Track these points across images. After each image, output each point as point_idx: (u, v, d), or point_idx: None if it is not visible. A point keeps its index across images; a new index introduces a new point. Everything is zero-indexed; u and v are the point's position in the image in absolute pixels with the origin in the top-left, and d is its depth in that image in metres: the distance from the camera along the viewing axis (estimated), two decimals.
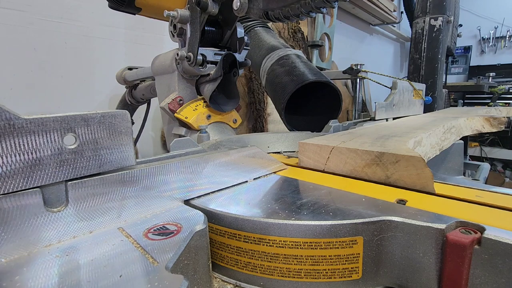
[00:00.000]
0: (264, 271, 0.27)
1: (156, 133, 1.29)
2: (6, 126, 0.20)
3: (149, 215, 0.29)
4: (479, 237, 0.22)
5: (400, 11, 2.79)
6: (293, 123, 0.78)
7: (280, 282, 0.27)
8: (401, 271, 0.26)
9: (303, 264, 0.26)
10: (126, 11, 0.69)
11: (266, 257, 0.27)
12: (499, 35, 3.90)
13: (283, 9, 0.44)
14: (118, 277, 0.19)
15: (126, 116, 0.27)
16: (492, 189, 0.34)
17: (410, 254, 0.25)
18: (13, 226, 0.22)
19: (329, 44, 1.82)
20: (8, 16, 0.88)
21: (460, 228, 0.24)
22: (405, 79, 0.90)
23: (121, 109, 0.91)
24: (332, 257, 0.26)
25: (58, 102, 1.01)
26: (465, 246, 0.22)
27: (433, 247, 0.24)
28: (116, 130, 0.26)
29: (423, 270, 0.25)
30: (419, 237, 0.25)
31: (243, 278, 0.28)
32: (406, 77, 1.50)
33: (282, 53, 0.82)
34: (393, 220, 0.26)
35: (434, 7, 1.43)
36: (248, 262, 0.28)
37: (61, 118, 0.23)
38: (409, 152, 0.35)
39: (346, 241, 0.25)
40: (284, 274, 0.27)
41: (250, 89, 1.41)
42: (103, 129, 0.25)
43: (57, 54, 0.99)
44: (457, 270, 0.22)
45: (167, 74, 0.66)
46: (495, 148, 2.69)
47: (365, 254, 0.25)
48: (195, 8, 0.55)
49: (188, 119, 0.62)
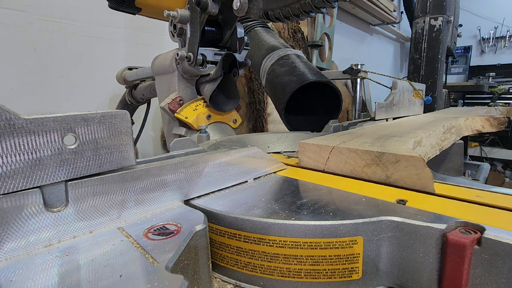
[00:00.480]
0: (264, 271, 0.27)
1: (156, 133, 1.29)
2: (6, 126, 0.20)
3: (149, 215, 0.29)
4: (479, 237, 0.22)
5: (400, 11, 2.79)
6: (293, 123, 0.78)
7: (280, 282, 0.27)
8: (401, 271, 0.26)
9: (303, 264, 0.26)
10: (126, 11, 0.69)
11: (266, 257, 0.27)
12: (499, 35, 3.90)
13: (283, 9, 0.44)
14: (118, 277, 0.19)
15: (126, 116, 0.27)
16: (492, 189, 0.34)
17: (410, 254, 0.25)
18: (13, 226, 0.22)
19: (329, 44, 1.82)
20: (8, 16, 0.88)
21: (460, 228, 0.24)
22: (405, 79, 0.90)
23: (121, 109, 0.91)
24: (332, 257, 0.26)
25: (58, 102, 1.01)
26: (465, 246, 0.22)
27: (433, 247, 0.24)
28: (116, 130, 0.26)
29: (423, 270, 0.25)
30: (419, 237, 0.25)
31: (243, 278, 0.28)
32: (406, 77, 1.50)
33: (282, 53, 0.82)
34: (393, 220, 0.26)
35: (434, 7, 1.43)
36: (248, 262, 0.28)
37: (61, 118, 0.23)
38: (409, 152, 0.35)
39: (346, 241, 0.25)
40: (284, 274, 0.27)
41: (250, 89, 1.41)
42: (103, 129, 0.25)
43: (57, 54, 0.99)
44: (457, 270, 0.22)
45: (167, 74, 0.66)
46: (495, 148, 2.68)
47: (365, 254, 0.25)
48: (195, 8, 0.55)
49: (188, 119, 0.62)
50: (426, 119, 0.76)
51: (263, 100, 1.38)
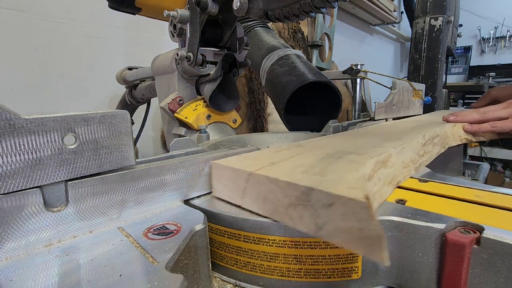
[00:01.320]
0: (264, 271, 0.27)
1: (156, 133, 1.29)
2: (6, 126, 0.20)
3: (148, 215, 0.29)
4: (478, 237, 0.22)
5: (400, 11, 2.79)
6: (293, 123, 0.78)
7: (280, 282, 0.27)
8: (401, 270, 0.26)
9: (303, 263, 0.26)
10: (126, 11, 0.69)
11: (266, 257, 0.27)
12: (499, 35, 3.90)
13: (283, 9, 0.44)
14: (118, 277, 0.19)
15: (126, 116, 0.27)
16: (491, 189, 0.34)
17: (410, 254, 0.25)
18: (13, 225, 0.22)
19: (329, 44, 1.82)
20: (8, 16, 0.88)
21: (459, 228, 0.24)
22: (405, 79, 0.90)
23: (121, 109, 0.91)
24: (332, 256, 0.26)
25: (58, 102, 1.01)
26: (464, 246, 0.22)
27: (433, 247, 0.24)
28: (116, 130, 0.26)
29: (422, 270, 0.25)
30: (419, 237, 0.25)
31: (243, 277, 0.28)
32: (406, 77, 1.50)
33: (282, 53, 0.82)
34: (392, 220, 0.26)
35: (434, 7, 1.43)
36: (247, 262, 0.28)
37: (61, 118, 0.23)
38: (352, 189, 0.21)
39: None
40: (284, 273, 0.27)
41: (250, 89, 1.41)
42: (103, 129, 0.25)
43: (57, 54, 0.99)
44: (456, 270, 0.22)
45: (167, 74, 0.66)
46: (495, 148, 2.68)
47: None
48: (195, 8, 0.55)
49: (188, 119, 0.62)
50: (408, 125, 0.60)
51: (263, 100, 1.38)
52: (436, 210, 0.27)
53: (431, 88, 1.42)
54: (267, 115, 1.39)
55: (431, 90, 1.42)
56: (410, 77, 1.50)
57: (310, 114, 0.82)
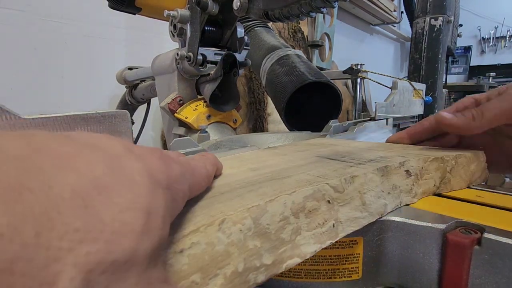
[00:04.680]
0: None
1: (156, 133, 1.29)
2: (6, 126, 0.20)
3: None
4: (479, 237, 0.22)
5: (400, 11, 2.79)
6: (293, 123, 0.78)
7: (280, 282, 0.27)
8: (401, 271, 0.26)
9: (303, 264, 0.26)
10: (126, 11, 0.69)
11: None
12: (499, 35, 3.90)
13: (283, 9, 0.44)
14: None
15: (126, 116, 0.27)
16: (492, 189, 0.34)
17: (410, 254, 0.25)
18: None
19: (329, 44, 1.82)
20: (8, 16, 0.88)
21: (460, 228, 0.24)
22: (405, 79, 0.90)
23: (121, 109, 0.91)
24: (332, 257, 0.26)
25: (58, 102, 1.01)
26: (465, 246, 0.22)
27: (433, 247, 0.24)
28: (116, 130, 0.26)
29: (423, 270, 0.25)
30: (419, 237, 0.25)
31: None
32: (406, 77, 1.50)
33: (282, 53, 0.82)
34: (393, 220, 0.26)
35: (434, 7, 1.43)
36: None
37: (61, 118, 0.23)
38: None
39: (346, 241, 0.25)
40: (283, 274, 0.27)
41: (250, 89, 1.41)
42: (103, 129, 0.25)
43: (57, 54, 0.99)
44: (457, 270, 0.22)
45: (167, 74, 0.66)
46: None
47: (365, 254, 0.25)
48: (195, 8, 0.55)
49: (188, 119, 0.62)
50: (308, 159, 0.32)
51: (263, 100, 1.38)
52: (437, 210, 0.27)
53: (431, 88, 1.42)
54: (267, 115, 1.39)
55: (432, 90, 1.42)
56: (410, 77, 1.50)
57: (310, 114, 0.82)
